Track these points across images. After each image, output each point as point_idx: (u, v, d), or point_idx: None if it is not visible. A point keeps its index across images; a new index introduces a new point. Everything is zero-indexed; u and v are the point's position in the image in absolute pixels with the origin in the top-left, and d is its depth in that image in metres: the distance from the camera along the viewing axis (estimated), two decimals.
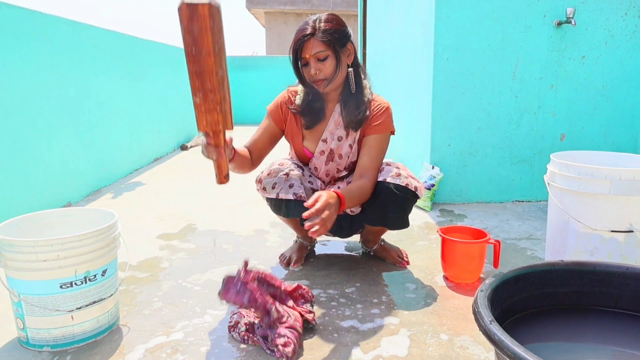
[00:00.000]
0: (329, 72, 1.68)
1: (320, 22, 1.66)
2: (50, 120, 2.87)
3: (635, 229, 1.61)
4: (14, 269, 1.35)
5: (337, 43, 1.67)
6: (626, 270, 1.14)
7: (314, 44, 1.64)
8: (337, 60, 1.68)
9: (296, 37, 1.67)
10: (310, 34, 1.64)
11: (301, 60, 1.69)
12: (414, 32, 3.32)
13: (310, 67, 1.68)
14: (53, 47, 2.93)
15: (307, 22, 1.68)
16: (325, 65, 1.67)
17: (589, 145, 2.99)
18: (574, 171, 1.67)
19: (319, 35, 1.64)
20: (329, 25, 1.66)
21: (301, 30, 1.67)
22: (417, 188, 1.76)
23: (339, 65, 1.69)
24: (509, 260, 2.07)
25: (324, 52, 1.65)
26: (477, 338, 1.46)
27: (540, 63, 2.89)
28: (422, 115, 3.12)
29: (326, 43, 1.64)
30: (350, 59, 1.75)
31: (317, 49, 1.64)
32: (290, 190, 1.77)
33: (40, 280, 1.34)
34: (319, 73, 1.67)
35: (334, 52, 1.67)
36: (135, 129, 4.28)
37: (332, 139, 1.84)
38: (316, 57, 1.66)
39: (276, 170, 1.80)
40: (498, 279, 1.06)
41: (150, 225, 2.61)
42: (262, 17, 15.29)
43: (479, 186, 3.01)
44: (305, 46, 1.65)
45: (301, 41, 1.65)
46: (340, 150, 1.85)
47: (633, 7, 2.85)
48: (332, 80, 1.70)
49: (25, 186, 2.58)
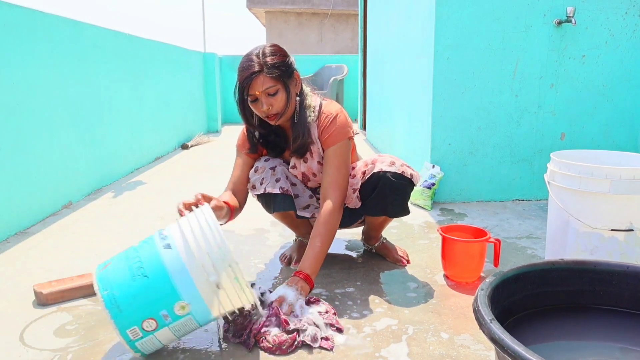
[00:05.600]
0: (281, 106, 1.65)
1: (265, 56, 1.61)
2: (51, 120, 2.87)
3: (635, 228, 1.61)
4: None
5: (284, 75, 1.64)
6: (626, 269, 1.14)
7: (264, 80, 1.59)
8: (287, 92, 1.66)
9: (243, 75, 1.61)
10: (258, 71, 1.59)
11: (249, 97, 1.65)
12: (414, 31, 3.32)
13: (261, 103, 1.63)
14: (54, 46, 2.93)
15: (250, 59, 1.61)
16: (277, 100, 1.63)
17: (589, 144, 2.99)
18: (574, 170, 1.67)
19: (266, 71, 1.59)
20: (275, 58, 1.62)
21: (247, 68, 1.60)
22: (413, 175, 1.79)
23: (288, 97, 1.67)
24: (509, 259, 2.08)
25: (274, 87, 1.61)
26: (477, 337, 1.46)
27: (540, 62, 2.89)
28: (422, 115, 3.13)
29: (275, 78, 1.61)
30: (298, 88, 1.74)
31: (267, 84, 1.60)
32: (277, 184, 1.79)
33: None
34: (271, 108, 1.64)
35: (283, 85, 1.63)
36: (136, 128, 4.28)
37: (299, 163, 1.84)
38: (267, 93, 1.61)
39: (263, 167, 1.82)
40: (498, 277, 1.07)
41: (151, 225, 2.61)
42: (263, 17, 15.28)
43: (479, 185, 3.01)
44: (253, 83, 1.59)
45: (249, 79, 1.59)
46: (311, 170, 1.84)
47: (633, 7, 2.85)
48: (284, 113, 1.68)
49: (26, 185, 2.58)
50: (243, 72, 1.61)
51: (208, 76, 7.11)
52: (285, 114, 1.69)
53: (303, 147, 1.77)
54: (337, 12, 14.02)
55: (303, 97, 1.77)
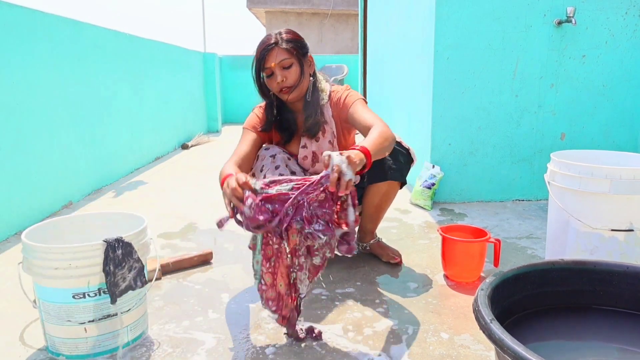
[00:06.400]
0: (294, 80, 1.74)
1: (281, 34, 1.74)
2: (51, 120, 2.87)
3: (635, 228, 1.61)
4: (34, 273, 1.30)
5: (299, 52, 1.75)
6: (626, 269, 1.14)
7: (278, 52, 1.71)
8: (301, 67, 1.75)
9: (259, 48, 1.73)
10: (274, 43, 1.71)
11: (264, 71, 1.74)
12: (414, 31, 3.32)
13: (275, 76, 1.73)
14: (54, 46, 2.93)
15: (268, 36, 1.75)
16: (290, 73, 1.73)
17: (589, 144, 2.99)
18: (574, 170, 1.67)
19: (282, 44, 1.71)
20: (291, 35, 1.75)
21: (264, 42, 1.73)
22: (410, 149, 1.87)
23: (302, 72, 1.76)
24: (509, 259, 2.08)
25: (289, 60, 1.72)
26: (477, 337, 1.46)
27: (540, 62, 2.89)
28: (422, 115, 3.13)
29: (289, 51, 1.72)
30: (312, 69, 1.83)
31: (282, 56, 1.71)
32: (276, 171, 1.80)
33: (54, 288, 1.29)
34: (285, 80, 1.73)
35: (297, 60, 1.74)
36: (136, 128, 4.28)
37: (310, 143, 1.88)
38: (281, 65, 1.72)
39: (263, 155, 1.84)
40: (498, 277, 1.07)
41: (151, 224, 2.61)
42: (263, 17, 15.28)
43: (479, 185, 3.01)
44: (269, 55, 1.71)
45: (265, 50, 1.71)
46: (322, 149, 1.89)
47: (633, 7, 2.85)
48: (297, 87, 1.76)
49: (26, 185, 2.58)
50: (260, 46, 1.73)
51: (208, 76, 7.11)
52: (298, 88, 1.76)
53: (316, 126, 1.84)
54: (337, 12, 14.02)
55: (316, 80, 1.85)
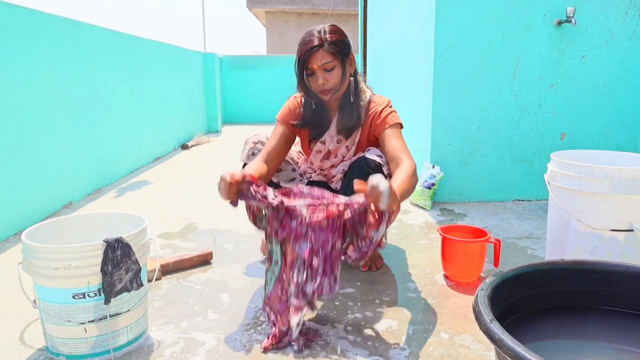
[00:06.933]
0: (336, 82, 1.72)
1: (325, 33, 1.69)
2: (51, 120, 2.87)
3: (635, 228, 1.61)
4: (34, 273, 1.30)
5: (342, 53, 1.71)
6: (626, 269, 1.14)
7: (323, 55, 1.67)
8: (343, 70, 1.73)
9: (303, 48, 1.69)
10: (318, 45, 1.67)
11: (307, 70, 1.71)
12: (414, 31, 3.32)
13: (317, 77, 1.71)
14: (54, 46, 2.93)
15: (312, 34, 1.70)
16: (333, 75, 1.70)
17: (589, 144, 2.99)
18: (574, 170, 1.67)
19: (326, 46, 1.67)
20: (335, 36, 1.70)
21: (308, 42, 1.69)
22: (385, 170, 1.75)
23: (344, 74, 1.73)
24: (509, 259, 2.08)
25: (332, 63, 1.69)
26: (477, 337, 1.46)
27: (540, 62, 2.89)
28: (422, 115, 3.13)
29: (333, 54, 1.68)
30: (353, 68, 1.80)
31: (325, 59, 1.68)
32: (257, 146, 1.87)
33: (54, 288, 1.29)
34: (326, 83, 1.71)
35: (340, 63, 1.71)
36: (136, 128, 4.28)
37: (331, 141, 1.89)
38: (324, 68, 1.69)
39: None
40: (498, 278, 1.07)
41: (151, 224, 2.61)
42: (263, 17, 15.28)
43: (479, 185, 3.01)
44: (313, 57, 1.68)
45: (309, 52, 1.67)
46: (337, 150, 1.89)
47: (633, 7, 2.85)
48: (338, 89, 1.74)
49: (26, 185, 2.58)
50: (304, 45, 1.70)
51: (208, 76, 7.11)
52: (339, 90, 1.75)
53: (353, 127, 1.82)
54: (337, 12, 14.02)
55: (357, 79, 1.82)
